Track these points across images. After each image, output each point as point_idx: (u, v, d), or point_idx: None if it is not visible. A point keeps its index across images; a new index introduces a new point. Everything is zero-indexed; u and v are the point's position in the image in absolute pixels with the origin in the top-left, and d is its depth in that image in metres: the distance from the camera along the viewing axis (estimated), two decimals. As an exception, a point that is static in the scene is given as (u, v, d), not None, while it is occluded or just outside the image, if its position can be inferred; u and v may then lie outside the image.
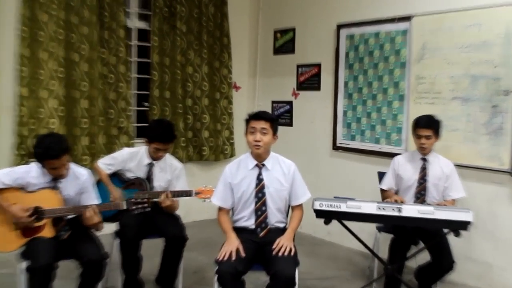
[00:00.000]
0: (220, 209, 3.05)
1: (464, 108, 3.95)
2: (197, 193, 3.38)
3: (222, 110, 5.60)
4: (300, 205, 3.08)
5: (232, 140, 5.67)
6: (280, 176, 3.01)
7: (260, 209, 2.97)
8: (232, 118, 5.66)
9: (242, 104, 5.76)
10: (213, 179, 3.20)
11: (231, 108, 5.65)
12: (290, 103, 5.50)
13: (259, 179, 2.98)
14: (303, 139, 5.35)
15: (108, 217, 3.37)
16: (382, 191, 3.78)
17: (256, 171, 2.99)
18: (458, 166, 3.69)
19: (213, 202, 3.07)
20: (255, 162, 3.00)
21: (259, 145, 2.90)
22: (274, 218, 3.00)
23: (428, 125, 3.50)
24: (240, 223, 3.02)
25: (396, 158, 3.75)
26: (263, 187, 2.97)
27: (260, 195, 2.97)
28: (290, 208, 3.13)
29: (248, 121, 2.97)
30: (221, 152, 5.61)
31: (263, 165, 3.00)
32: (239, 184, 2.99)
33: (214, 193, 3.10)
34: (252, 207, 2.97)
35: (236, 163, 3.06)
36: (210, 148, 5.53)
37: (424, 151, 3.56)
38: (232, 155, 5.64)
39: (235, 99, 5.72)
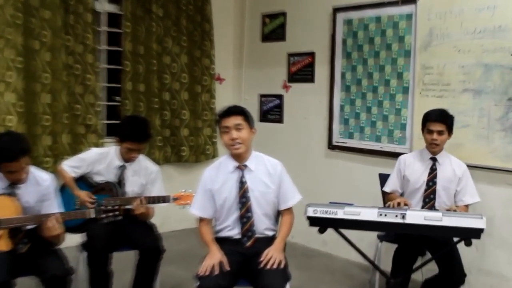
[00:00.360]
0: (201, 219, 3.05)
1: (477, 101, 3.95)
2: (175, 199, 3.37)
3: (203, 105, 5.59)
4: (290, 209, 3.08)
5: (214, 139, 5.67)
6: (265, 177, 3.01)
7: (245, 216, 2.96)
8: (215, 114, 5.52)
9: (226, 98, 5.74)
10: (194, 183, 3.20)
11: (213, 103, 5.64)
12: (280, 97, 5.50)
13: (242, 182, 2.97)
14: (295, 138, 5.36)
15: (73, 227, 3.36)
16: (385, 194, 3.79)
17: (238, 173, 2.99)
18: (469, 166, 3.71)
19: (192, 212, 3.05)
20: (236, 164, 2.99)
21: (237, 144, 2.90)
22: (262, 224, 3.00)
23: (441, 119, 3.51)
24: (224, 233, 3.02)
25: (402, 157, 3.77)
26: (246, 190, 2.96)
27: (244, 200, 2.96)
28: (280, 214, 3.13)
29: (218, 121, 2.96)
30: (202, 152, 5.61)
31: (245, 166, 3.00)
32: (220, 190, 2.98)
33: (192, 202, 3.09)
34: (236, 214, 2.97)
35: (215, 167, 3.06)
36: (190, 148, 5.52)
37: (435, 149, 3.57)
38: (214, 155, 5.65)
39: (218, 92, 5.71)
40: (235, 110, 2.93)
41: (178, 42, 5.36)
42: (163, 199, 3.39)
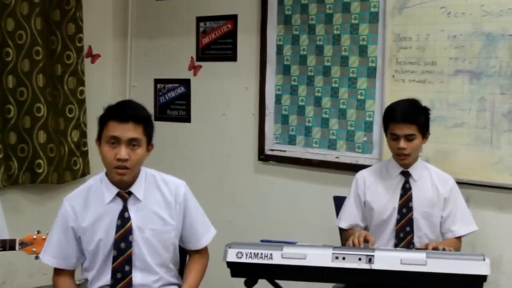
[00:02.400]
0: (58, 271, 3.08)
1: (475, 88, 3.98)
2: (23, 245, 3.38)
3: (67, 95, 5.50)
4: (203, 251, 3.21)
5: (85, 148, 5.61)
6: (161, 207, 3.08)
7: (121, 269, 3.01)
8: (85, 109, 5.58)
9: (103, 84, 5.76)
10: (54, 218, 3.17)
11: (82, 91, 5.58)
12: (186, 83, 5.52)
13: (123, 219, 3.01)
14: (209, 144, 5.36)
15: None
16: (342, 231, 3.84)
17: (119, 205, 3.03)
18: (464, 184, 3.81)
19: (44, 260, 3.09)
20: (116, 191, 3.03)
21: (126, 168, 2.94)
22: (148, 277, 3.06)
23: (409, 118, 3.53)
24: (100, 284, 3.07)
25: (360, 175, 3.83)
26: (129, 231, 3.01)
27: (122, 245, 3.00)
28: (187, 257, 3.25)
29: (103, 121, 3.00)
30: (67, 168, 5.52)
31: (130, 193, 3.03)
32: (91, 229, 3.02)
33: (45, 245, 3.13)
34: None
35: (82, 193, 3.09)
36: (48, 162, 5.37)
37: (405, 161, 3.60)
38: (85, 172, 5.61)
39: (90, 75, 5.66)
40: (136, 115, 2.97)
41: (26, -2, 5.30)
42: (4, 244, 3.38)
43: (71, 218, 3.02)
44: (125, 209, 3.00)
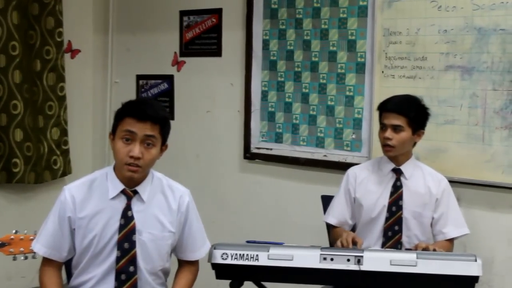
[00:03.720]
0: (46, 262, 3.05)
1: (466, 84, 4.00)
2: (0, 245, 3.36)
3: (46, 91, 5.46)
4: (196, 263, 3.20)
5: (66, 146, 5.57)
6: (163, 213, 3.08)
7: (125, 271, 2.99)
8: (65, 106, 5.56)
9: (84, 80, 5.75)
10: (35, 218, 3.27)
11: (62, 88, 5.54)
12: (169, 79, 5.52)
13: (127, 218, 2.99)
14: (193, 142, 5.38)
15: None
16: (330, 228, 3.86)
17: (122, 202, 3.02)
18: (455, 182, 3.83)
19: (35, 249, 3.07)
20: (121, 187, 3.02)
21: (137, 166, 2.94)
22: (146, 286, 3.06)
23: (398, 108, 3.58)
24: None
25: (352, 171, 3.85)
26: (132, 231, 3.00)
27: (126, 245, 2.99)
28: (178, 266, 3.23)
29: (120, 117, 2.98)
30: (46, 167, 5.47)
31: (135, 192, 3.03)
32: (88, 222, 3.00)
33: (38, 233, 3.10)
34: (109, 263, 3.00)
35: (85, 185, 3.08)
36: (26, 161, 5.33)
37: (389, 152, 3.63)
38: (66, 172, 5.56)
39: (70, 72, 5.62)
40: (155, 114, 2.97)
41: (2, -11, 5.22)
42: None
43: (69, 208, 3.00)
44: (128, 207, 3.00)
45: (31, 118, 5.36)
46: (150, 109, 2.95)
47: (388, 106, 3.60)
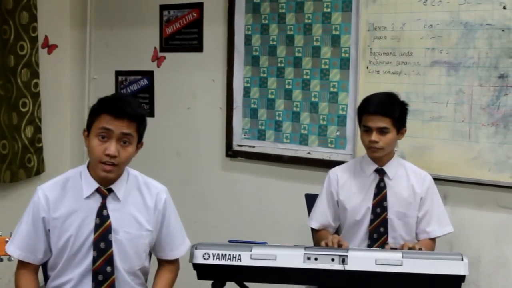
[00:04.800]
0: (22, 265, 3.05)
1: (452, 80, 4.01)
2: None
3: (21, 88, 5.38)
4: (175, 262, 3.20)
5: (39, 144, 5.52)
6: (140, 211, 3.08)
7: (102, 271, 2.99)
8: (39, 103, 5.51)
9: (61, 77, 5.70)
10: (8, 219, 3.25)
11: (37, 84, 5.48)
12: (149, 75, 5.50)
13: (102, 217, 2.99)
14: (174, 140, 5.37)
15: None
16: (313, 231, 3.85)
17: (97, 202, 3.02)
18: (441, 180, 3.87)
19: (9, 251, 3.06)
20: (96, 186, 3.02)
21: (113, 165, 2.94)
22: (124, 286, 3.06)
23: (383, 110, 3.56)
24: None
25: (333, 172, 3.84)
26: (108, 230, 3.00)
27: (102, 245, 2.98)
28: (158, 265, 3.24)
29: (96, 113, 2.97)
30: (21, 165, 5.41)
31: (110, 191, 3.02)
32: (63, 223, 3.00)
33: (12, 235, 3.09)
34: (86, 264, 3.00)
35: (58, 184, 3.07)
36: (1, 160, 5.28)
37: (375, 153, 3.62)
38: (40, 170, 5.51)
39: (45, 68, 5.56)
40: (133, 112, 2.97)
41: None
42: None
43: (42, 208, 2.99)
44: (103, 206, 2.99)
45: (6, 115, 5.32)
46: (127, 107, 2.95)
47: (371, 109, 3.57)
